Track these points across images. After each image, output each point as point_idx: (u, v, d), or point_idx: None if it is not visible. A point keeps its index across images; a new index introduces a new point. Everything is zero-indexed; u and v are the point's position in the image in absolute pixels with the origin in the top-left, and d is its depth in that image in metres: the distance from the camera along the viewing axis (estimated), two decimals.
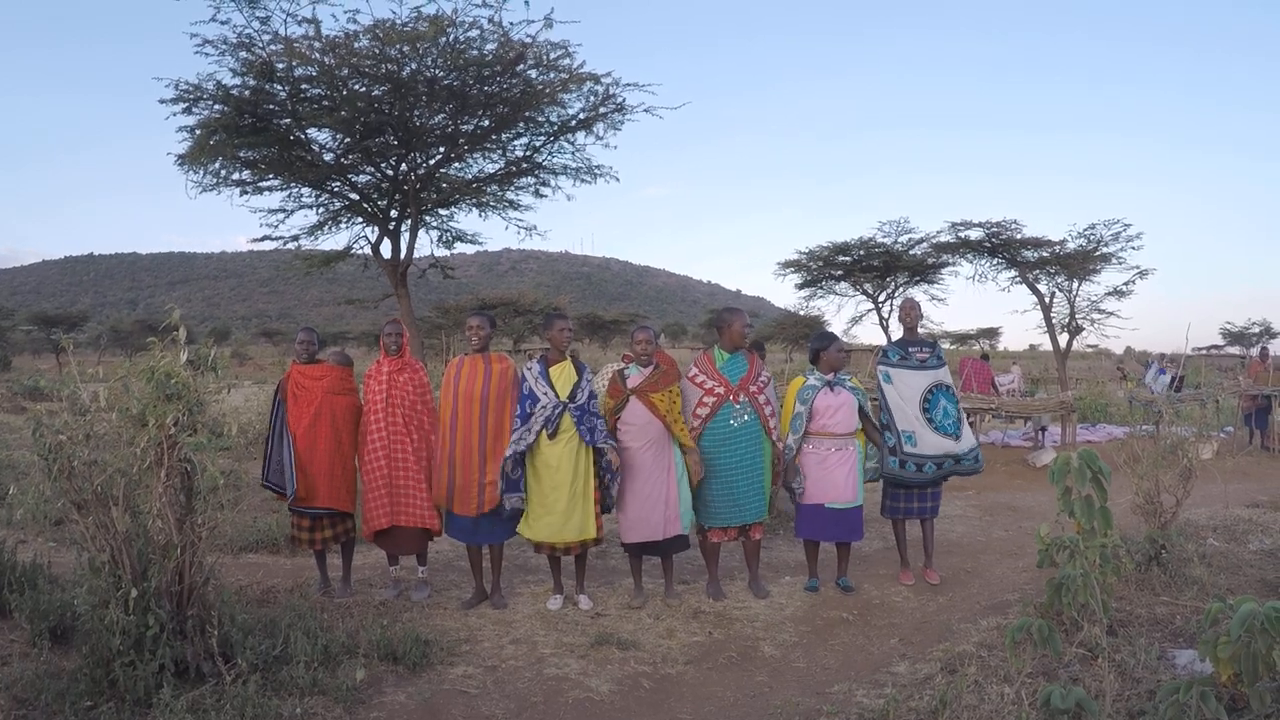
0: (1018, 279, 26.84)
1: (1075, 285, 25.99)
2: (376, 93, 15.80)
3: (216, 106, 15.44)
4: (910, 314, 7.64)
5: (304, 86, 15.59)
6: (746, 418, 6.98)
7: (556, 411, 6.69)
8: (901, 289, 31.50)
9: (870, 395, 7.63)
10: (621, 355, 16.76)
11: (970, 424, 15.70)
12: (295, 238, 19.33)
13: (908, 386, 7.37)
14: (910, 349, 7.50)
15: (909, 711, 4.72)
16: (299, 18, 14.54)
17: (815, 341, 7.55)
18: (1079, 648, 5.04)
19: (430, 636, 5.95)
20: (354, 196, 18.40)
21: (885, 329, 31.19)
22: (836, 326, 41.40)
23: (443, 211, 19.78)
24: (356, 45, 14.91)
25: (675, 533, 6.89)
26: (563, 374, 6.85)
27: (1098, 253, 25.05)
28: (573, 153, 18.12)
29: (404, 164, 17.57)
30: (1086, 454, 4.37)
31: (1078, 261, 25.06)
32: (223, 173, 16.89)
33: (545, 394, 6.74)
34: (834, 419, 7.13)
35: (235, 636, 5.06)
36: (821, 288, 33.63)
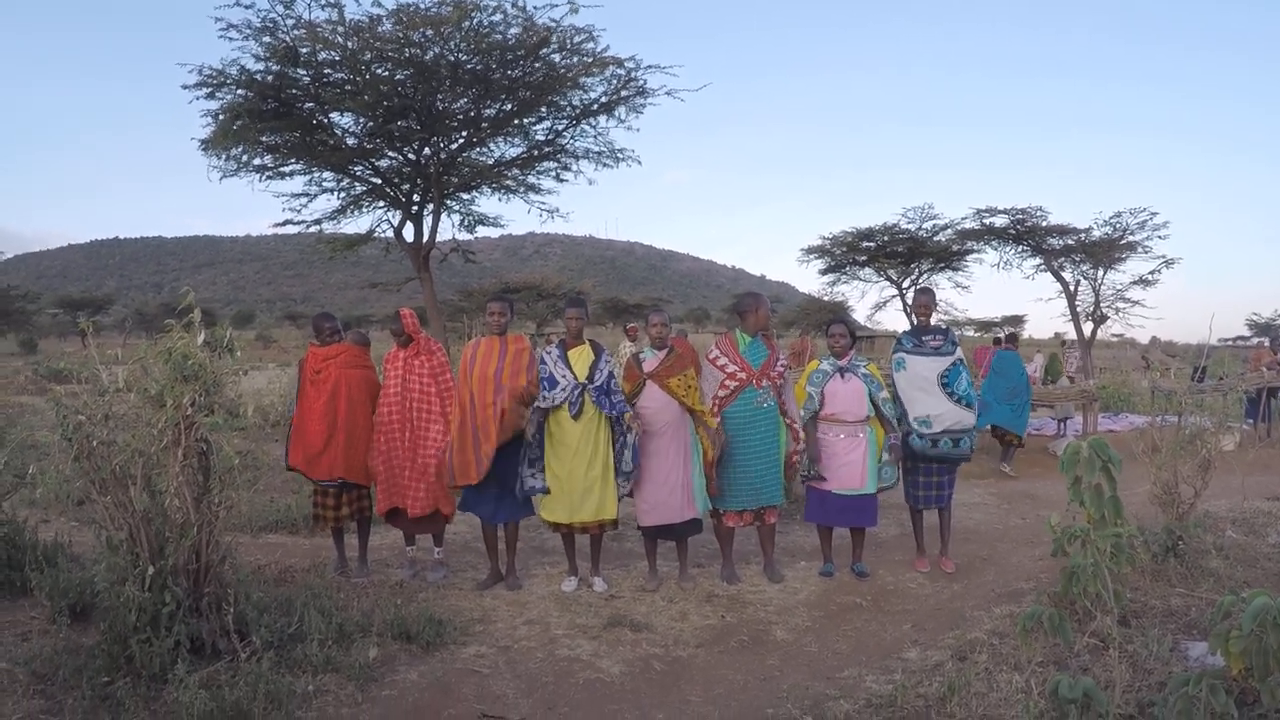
0: (1043, 267, 26.71)
1: (1100, 274, 25.84)
2: (399, 77, 15.83)
3: (240, 91, 15.51)
4: (925, 307, 7.63)
5: (327, 71, 15.63)
6: (768, 403, 6.99)
7: (576, 393, 6.72)
8: (925, 275, 31.35)
9: (887, 382, 7.61)
10: (626, 328, 16.64)
11: None
12: (318, 222, 19.45)
13: (923, 369, 7.36)
14: (924, 337, 7.48)
15: (917, 698, 4.73)
16: (322, 2, 14.59)
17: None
18: (1091, 638, 5.04)
19: (444, 616, 6.00)
20: (376, 180, 18.48)
21: (909, 315, 31.08)
22: (860, 313, 41.24)
23: (465, 195, 19.83)
24: (380, 29, 14.95)
25: (691, 516, 6.92)
26: (581, 356, 6.88)
27: (1123, 241, 24.89)
28: (595, 136, 18.16)
29: (426, 148, 17.61)
30: (1096, 442, 4.35)
31: (1103, 250, 24.91)
32: (245, 157, 16.97)
33: (564, 376, 6.77)
34: (843, 406, 7.12)
35: (250, 614, 5.11)
36: (845, 274, 33.52)
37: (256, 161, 17.24)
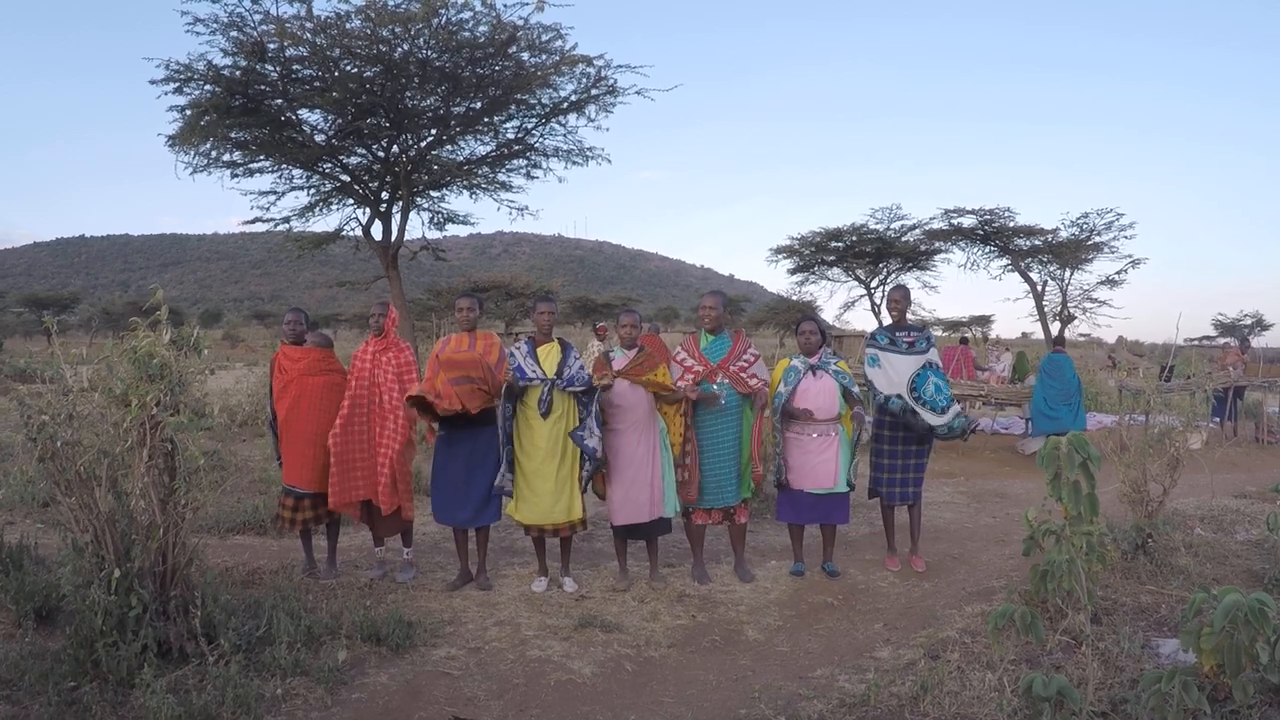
0: (1010, 267, 26.93)
1: (1067, 274, 26.08)
2: (368, 74, 15.75)
3: (207, 87, 15.37)
4: (898, 304, 7.56)
5: (295, 67, 15.52)
6: (725, 398, 6.96)
7: (546, 390, 6.68)
8: (894, 275, 31.55)
9: (858, 379, 7.59)
10: (595, 327, 16.61)
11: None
12: (286, 220, 19.32)
13: (895, 370, 7.34)
14: (898, 334, 7.44)
15: (890, 696, 4.73)
16: None
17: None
18: (1063, 635, 5.05)
19: (414, 618, 5.96)
20: (345, 178, 18.37)
21: (877, 315, 31.28)
22: (829, 312, 41.45)
23: (434, 193, 19.76)
24: (348, 26, 14.86)
25: (661, 515, 6.89)
26: (550, 354, 6.86)
27: (1090, 241, 25.14)
28: (564, 135, 18.13)
29: (395, 146, 17.54)
30: (1076, 439, 4.37)
31: (1070, 250, 25.15)
32: (213, 154, 16.84)
33: (533, 370, 6.74)
34: (814, 404, 7.07)
35: (218, 617, 5.05)
36: (814, 273, 33.72)
37: (225, 158, 17.12)
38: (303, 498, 7.02)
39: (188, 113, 15.66)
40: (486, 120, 17.56)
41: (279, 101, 16.08)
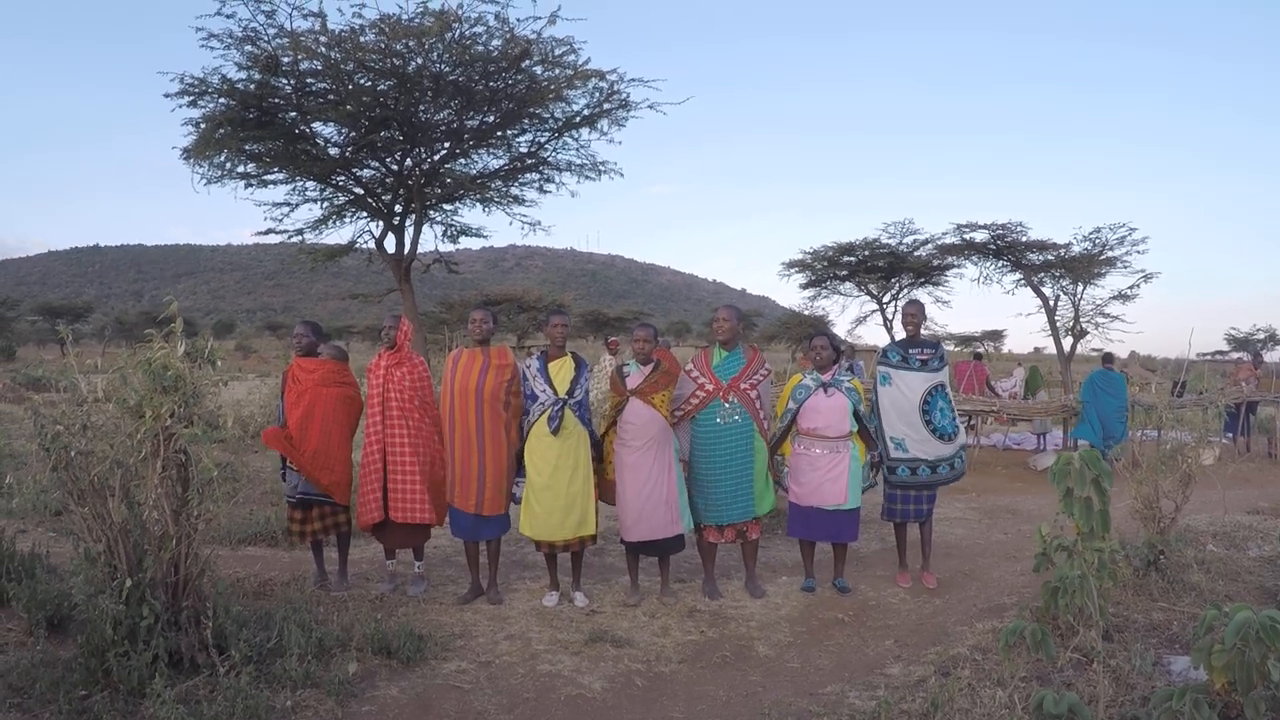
0: (1022, 282, 26.80)
1: (1080, 289, 25.96)
2: (382, 87, 15.84)
3: (222, 100, 15.50)
4: (914, 318, 7.50)
5: (309, 80, 15.64)
6: (736, 417, 6.95)
7: (557, 409, 6.68)
8: (906, 290, 31.45)
9: (869, 398, 7.57)
10: (607, 341, 16.61)
11: (971, 426, 15.74)
12: (300, 231, 19.44)
13: (907, 388, 7.30)
14: (911, 350, 7.39)
15: (901, 714, 4.71)
16: (304, 11, 14.62)
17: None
18: (1074, 652, 5.03)
19: (425, 631, 5.96)
20: (358, 191, 18.47)
21: (889, 330, 31.19)
22: (841, 327, 41.44)
23: (447, 206, 19.85)
24: (362, 40, 14.96)
25: (676, 532, 6.87)
26: (562, 369, 6.85)
27: (1103, 256, 25.00)
28: (577, 149, 18.22)
29: (408, 159, 17.63)
30: (1088, 455, 4.36)
31: (1083, 265, 25.02)
32: (228, 165, 16.95)
33: (544, 392, 6.74)
34: (825, 421, 7.08)
35: (229, 628, 5.06)
36: (826, 288, 33.60)
37: (240, 169, 17.24)
38: (310, 507, 7.03)
39: (202, 125, 15.78)
40: (499, 134, 17.65)
41: (293, 114, 16.20)
